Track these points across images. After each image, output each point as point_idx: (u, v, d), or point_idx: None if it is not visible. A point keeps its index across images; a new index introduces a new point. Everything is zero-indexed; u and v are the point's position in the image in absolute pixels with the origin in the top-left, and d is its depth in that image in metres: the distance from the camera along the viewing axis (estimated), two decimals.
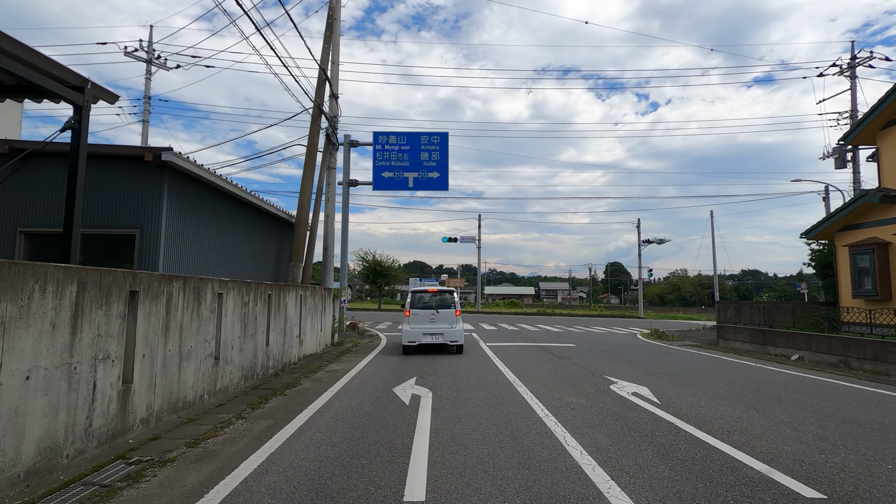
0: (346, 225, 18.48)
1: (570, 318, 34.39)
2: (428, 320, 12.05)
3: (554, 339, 16.69)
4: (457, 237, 38.82)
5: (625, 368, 9.86)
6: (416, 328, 11.98)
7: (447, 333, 12.02)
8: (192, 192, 8.99)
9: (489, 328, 21.18)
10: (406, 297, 12.28)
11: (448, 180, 18.70)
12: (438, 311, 12.12)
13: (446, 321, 12.13)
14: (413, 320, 12.13)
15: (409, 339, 11.91)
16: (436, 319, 12.07)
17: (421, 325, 12.02)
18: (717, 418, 5.84)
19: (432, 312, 12.09)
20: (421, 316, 12.11)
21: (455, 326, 12.12)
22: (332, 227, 14.16)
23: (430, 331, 11.96)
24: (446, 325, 12.10)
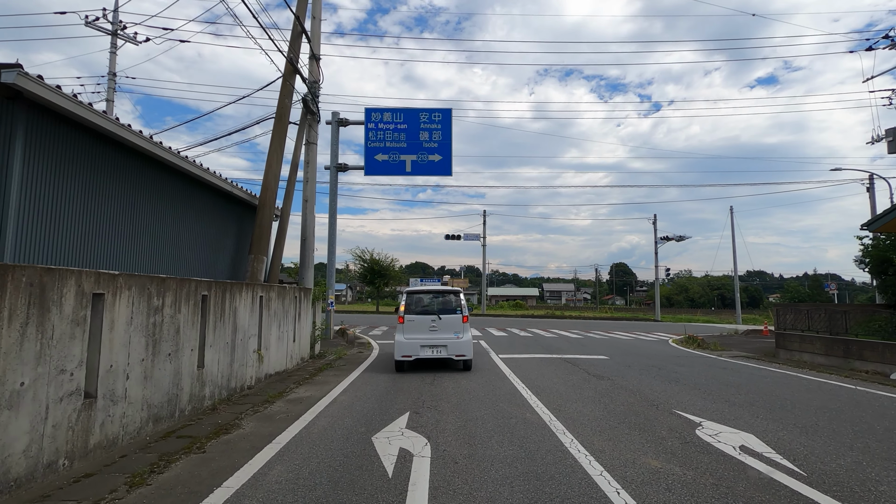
0: (335, 215, 16.03)
1: (582, 322, 31.84)
2: (427, 329, 9.58)
3: (577, 348, 14.18)
4: (460, 234, 36.37)
5: (694, 396, 7.35)
6: (412, 339, 9.50)
7: (451, 346, 9.50)
8: (85, 148, 6.49)
9: (498, 334, 18.68)
10: (400, 300, 10.15)
11: (451, 164, 16.25)
12: (441, 316, 9.67)
13: (451, 330, 9.62)
14: (408, 329, 9.57)
15: (402, 353, 9.40)
16: (437, 328, 9.59)
17: (418, 334, 9.54)
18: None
19: (433, 319, 9.64)
20: (419, 323, 9.60)
21: (462, 337, 9.63)
22: (312, 215, 11.69)
23: (430, 342, 9.49)
24: (450, 336, 9.59)
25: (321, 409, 6.28)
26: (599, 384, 8.23)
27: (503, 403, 6.63)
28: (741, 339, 18.96)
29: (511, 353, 12.65)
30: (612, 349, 13.95)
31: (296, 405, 6.48)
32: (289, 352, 9.54)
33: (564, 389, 7.70)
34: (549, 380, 8.61)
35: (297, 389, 7.60)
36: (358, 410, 6.18)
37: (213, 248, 9.72)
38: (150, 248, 8.04)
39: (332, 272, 16.07)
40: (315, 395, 7.20)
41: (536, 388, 7.75)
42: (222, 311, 6.67)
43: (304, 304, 10.64)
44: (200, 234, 9.37)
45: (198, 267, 9.29)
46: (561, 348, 13.88)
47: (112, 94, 19.03)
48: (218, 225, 9.87)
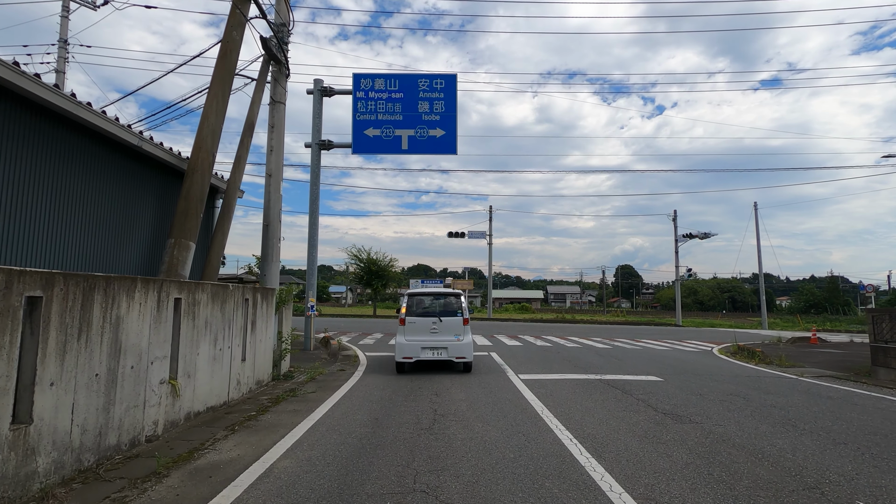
0: (317, 201, 13.39)
1: (599, 328, 29.07)
2: (428, 331, 9.60)
3: (612, 363, 11.49)
4: (464, 232, 33.66)
5: (853, 461, 4.65)
6: (413, 341, 9.50)
7: (452, 348, 9.51)
8: None
9: (511, 343, 15.97)
10: (401, 302, 10.12)
11: (456, 140, 13.59)
12: (441, 319, 9.69)
13: (452, 332, 9.63)
14: (410, 331, 9.57)
15: (404, 355, 9.44)
16: (438, 330, 9.62)
17: (420, 336, 9.57)
18: None
19: (434, 321, 9.66)
20: (420, 325, 9.61)
21: (463, 339, 9.61)
22: (278, 193, 9.03)
23: (432, 344, 9.51)
24: (451, 338, 9.59)
25: (238, 494, 3.61)
26: (683, 432, 5.52)
27: (549, 480, 3.94)
28: (793, 348, 16.21)
29: (534, 371, 9.96)
30: (658, 365, 11.24)
31: (200, 484, 3.81)
32: (233, 376, 6.87)
33: (636, 444, 5.00)
34: (602, 422, 5.91)
35: (223, 443, 4.92)
36: (302, 498, 3.51)
37: (117, 232, 7.04)
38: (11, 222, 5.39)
39: (312, 269, 13.40)
40: (245, 454, 4.53)
41: (591, 442, 5.05)
42: (85, 324, 4.01)
43: (262, 310, 7.98)
44: (96, 212, 6.70)
45: (92, 258, 6.63)
46: (594, 364, 11.17)
47: (63, 64, 16.46)
48: (127, 200, 7.19)
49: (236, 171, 7.51)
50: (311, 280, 13.33)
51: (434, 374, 9.42)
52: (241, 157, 7.66)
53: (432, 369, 9.92)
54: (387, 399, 7.11)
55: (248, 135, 7.94)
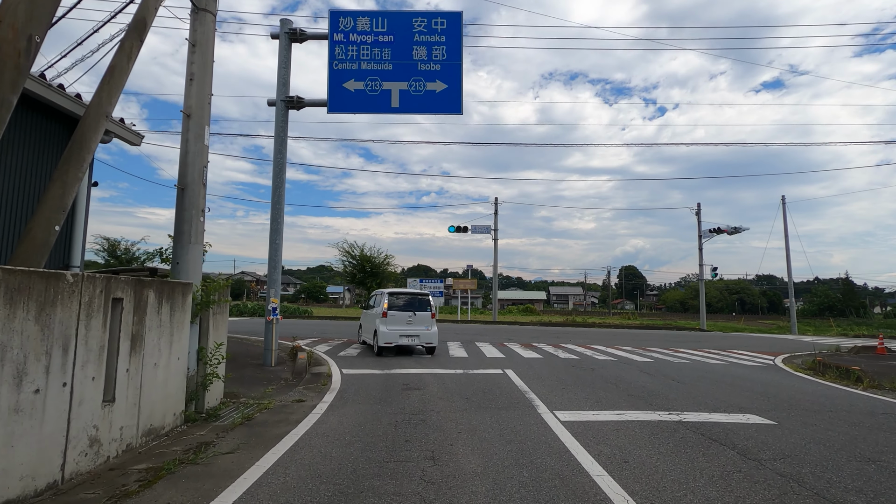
0: (283, 173, 10.49)
1: (617, 333, 26.08)
2: (405, 322, 11.88)
3: (671, 387, 8.55)
4: (468, 226, 30.69)
5: None
6: (393, 329, 11.71)
7: (423, 336, 12.02)
8: None
9: (528, 355, 12.99)
10: (383, 298, 12.16)
11: (461, 96, 10.66)
12: (416, 313, 12.03)
13: (423, 323, 12.07)
14: (391, 322, 11.78)
15: (385, 341, 11.62)
16: (413, 322, 11.94)
17: (398, 326, 11.78)
18: None
19: (410, 314, 11.97)
20: (398, 318, 11.86)
21: (431, 329, 12.14)
22: (202, 144, 6.02)
23: (408, 332, 11.83)
24: (423, 328, 12.05)
25: None
26: None
27: None
28: (870, 361, 13.23)
29: (575, 403, 7.00)
30: (739, 392, 8.28)
31: None
32: (76, 434, 3.91)
33: None
34: None
35: None
36: None
37: None
38: None
39: (276, 262, 10.45)
40: None
41: None
42: None
43: (161, 317, 5.03)
44: None
45: None
46: (650, 390, 8.20)
47: None
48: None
49: (108, 89, 4.60)
50: (275, 275, 10.38)
51: (429, 407, 6.48)
52: (119, 69, 4.74)
53: (425, 396, 6.98)
54: (350, 469, 4.16)
55: (136, 37, 5.01)
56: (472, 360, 11.40)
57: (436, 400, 7.04)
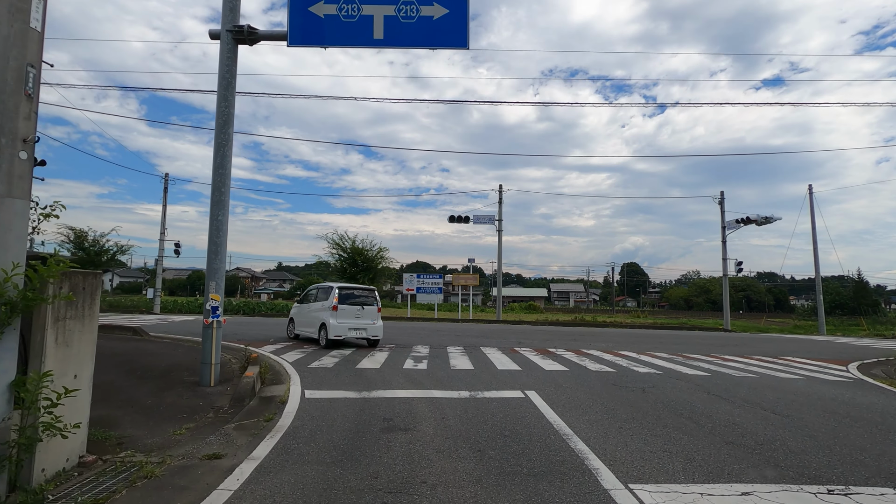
0: (228, 128, 7.85)
1: (637, 335, 23.50)
2: (354, 316, 12.33)
3: (769, 420, 6.00)
4: (468, 216, 28.04)
5: None
6: (343, 322, 12.11)
7: (370, 329, 12.55)
8: None
9: (550, 367, 10.37)
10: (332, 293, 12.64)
11: (468, 25, 7.99)
12: (364, 307, 12.56)
13: (370, 317, 12.60)
14: (341, 315, 12.14)
15: (336, 334, 12.01)
16: (361, 315, 12.45)
17: (347, 319, 12.20)
18: None
19: (358, 309, 12.45)
20: (348, 311, 12.27)
21: (376, 322, 12.72)
22: (26, 14, 3.50)
23: (356, 326, 12.33)
24: (370, 321, 12.57)
25: None
26: None
27: None
28: None
29: (658, 468, 4.39)
30: (892, 435, 5.71)
31: None
32: None
33: None
34: None
35: None
36: None
37: None
38: None
39: (217, 246, 7.80)
40: None
41: None
42: None
43: None
44: None
45: None
46: (752, 431, 5.57)
47: None
48: None
49: None
50: (216, 263, 7.74)
51: (419, 472, 3.86)
52: None
53: (414, 446, 4.35)
54: None
55: None
56: (481, 375, 8.80)
57: (431, 455, 4.43)
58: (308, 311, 13.60)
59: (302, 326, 13.81)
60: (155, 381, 7.55)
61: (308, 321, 13.41)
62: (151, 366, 8.79)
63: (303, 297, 14.64)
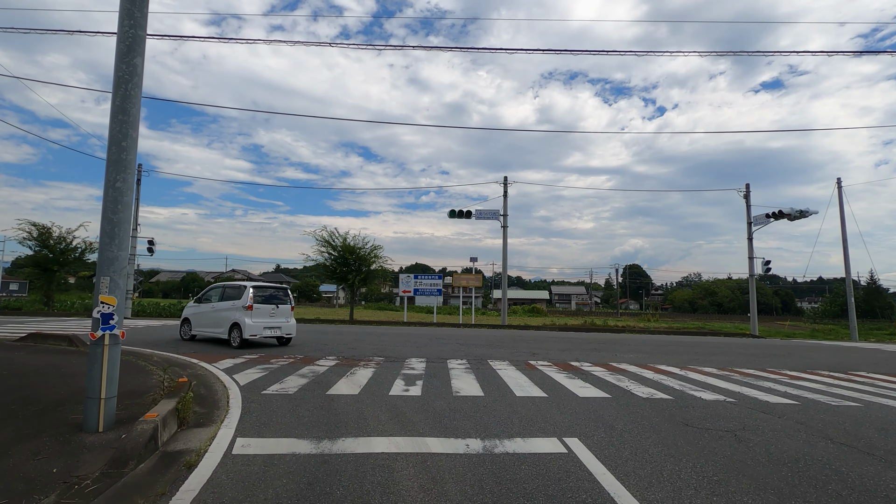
0: (135, 50, 5.38)
1: (661, 342, 21.13)
2: (268, 315, 12.38)
3: None
4: (470, 210, 25.66)
5: None
6: (258, 322, 12.12)
7: (284, 327, 12.73)
8: None
9: (586, 393, 7.96)
10: (247, 292, 12.43)
11: None
12: (278, 306, 12.69)
13: (284, 316, 12.77)
14: (256, 314, 12.15)
15: (251, 333, 11.97)
16: (275, 314, 12.55)
17: (262, 318, 12.23)
18: None
19: (273, 308, 12.53)
20: (263, 310, 12.30)
21: (290, 321, 12.96)
22: None
23: (271, 325, 12.38)
24: (283, 320, 12.75)
25: None
26: None
27: None
28: None
29: None
30: None
31: None
32: None
33: None
34: None
35: None
36: None
37: None
38: None
39: (117, 231, 5.37)
40: None
41: None
42: None
43: None
44: None
45: None
46: None
47: None
48: None
49: None
50: (114, 252, 5.30)
51: None
52: None
53: None
54: None
55: None
56: (495, 407, 6.41)
57: None
58: (213, 311, 13.05)
59: (202, 327, 13.29)
60: (24, 422, 5.17)
61: (213, 321, 12.93)
62: (43, 394, 6.42)
63: (202, 296, 13.95)
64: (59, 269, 24.75)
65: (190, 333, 13.61)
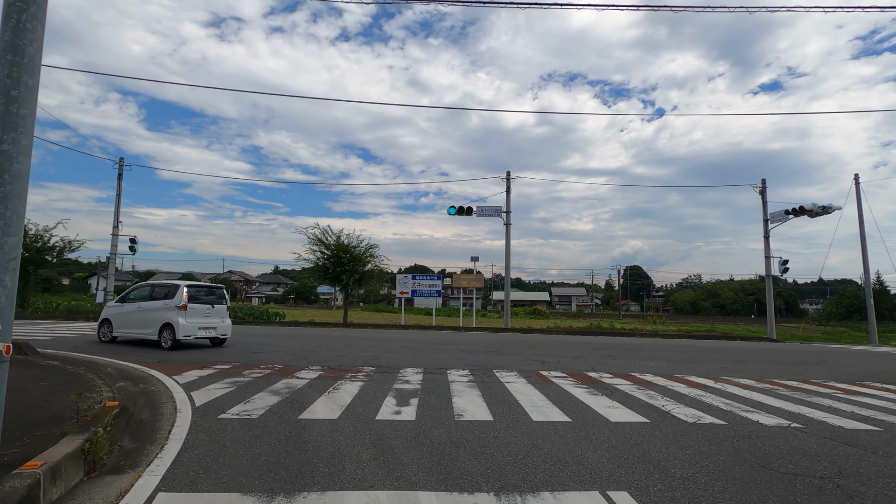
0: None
1: (679, 347, 19.82)
2: (203, 315, 12.03)
3: None
4: (471, 206, 24.34)
5: None
6: (192, 322, 11.73)
7: (219, 328, 12.40)
8: None
9: (617, 416, 6.65)
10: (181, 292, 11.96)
11: None
12: (214, 306, 12.33)
13: (219, 316, 12.42)
14: (190, 315, 11.75)
15: (185, 334, 11.53)
16: (210, 315, 12.20)
17: (197, 319, 11.85)
18: None
19: (208, 308, 12.19)
20: (197, 310, 11.93)
21: (225, 321, 12.59)
22: None
23: (205, 325, 12.05)
24: (219, 321, 12.41)
25: None
26: None
27: None
28: None
29: None
30: None
31: None
32: None
33: None
34: None
35: None
36: None
37: None
38: None
39: (6, 204, 4.01)
40: None
41: None
42: None
43: None
44: None
45: None
46: None
47: None
48: None
49: None
50: (1, 235, 3.95)
51: None
52: None
53: None
54: None
55: None
56: (508, 439, 5.07)
57: None
58: (139, 311, 12.38)
59: (126, 328, 12.57)
60: None
61: (139, 322, 12.26)
62: None
63: (126, 295, 13.16)
64: (35, 269, 23.38)
65: (111, 335, 12.79)
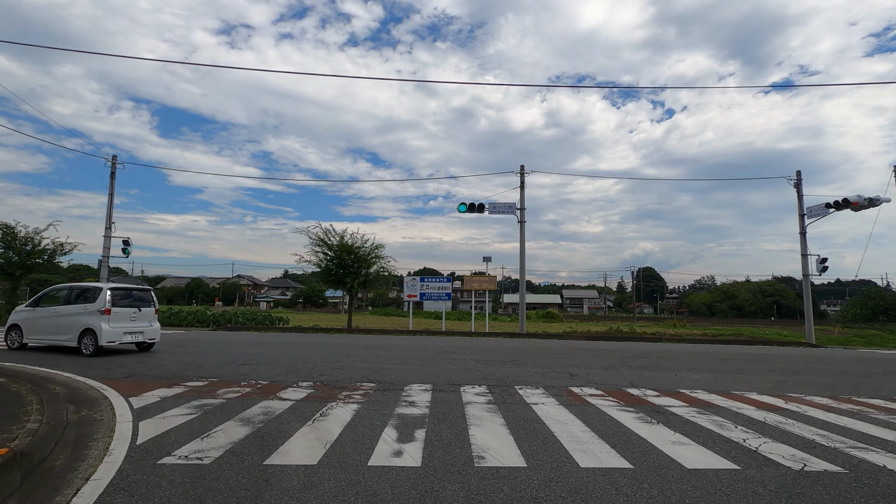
0: None
1: (707, 354, 18.14)
2: (129, 319, 11.46)
3: None
4: (483, 203, 22.83)
5: None
6: (117, 327, 11.10)
7: (147, 332, 11.87)
8: None
9: (701, 463, 5.15)
10: (105, 294, 11.21)
11: None
12: (140, 309, 11.75)
13: (146, 320, 11.87)
14: (114, 319, 11.09)
15: (108, 339, 10.89)
16: (137, 318, 11.64)
17: (122, 323, 11.27)
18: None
19: (134, 311, 11.60)
20: (123, 314, 11.32)
21: (154, 325, 12.10)
22: None
23: (132, 329, 11.48)
24: (146, 324, 11.87)
25: None
26: None
27: None
28: None
29: None
30: None
31: None
32: None
33: None
34: None
35: None
36: None
37: None
38: None
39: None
40: None
41: None
42: None
43: None
44: None
45: None
46: None
47: None
48: None
49: None
50: None
51: None
52: None
53: None
54: None
55: None
56: (553, 503, 3.55)
57: None
58: (55, 316, 11.59)
59: (40, 334, 11.75)
60: None
61: (55, 327, 11.50)
62: None
63: (39, 298, 12.29)
64: (25, 273, 22.32)
65: (19, 342, 11.94)
